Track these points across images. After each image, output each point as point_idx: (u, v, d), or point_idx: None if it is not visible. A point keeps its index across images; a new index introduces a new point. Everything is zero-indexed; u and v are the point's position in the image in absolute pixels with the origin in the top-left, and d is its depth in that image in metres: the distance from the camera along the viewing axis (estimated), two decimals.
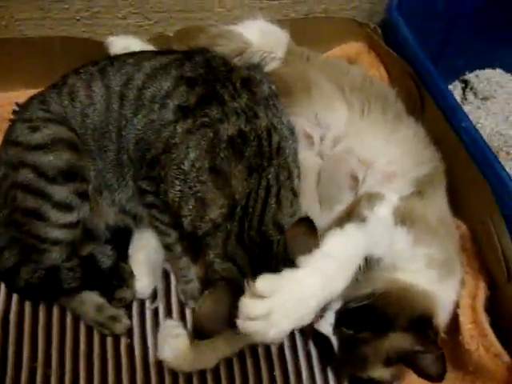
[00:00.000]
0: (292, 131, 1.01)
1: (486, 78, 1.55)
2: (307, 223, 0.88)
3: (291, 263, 0.84)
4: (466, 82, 1.57)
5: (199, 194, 0.89)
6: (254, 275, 0.83)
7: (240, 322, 0.79)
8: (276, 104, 1.03)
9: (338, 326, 0.96)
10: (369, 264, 0.93)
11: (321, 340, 1.00)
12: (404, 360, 0.94)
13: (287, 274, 0.83)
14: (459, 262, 1.05)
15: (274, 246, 0.88)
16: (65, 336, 1.10)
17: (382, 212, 0.97)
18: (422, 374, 0.92)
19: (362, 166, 1.08)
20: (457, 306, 1.03)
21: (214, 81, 0.99)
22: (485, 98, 1.52)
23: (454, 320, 1.03)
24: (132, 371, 1.07)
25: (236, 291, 0.83)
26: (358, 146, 1.10)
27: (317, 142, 1.13)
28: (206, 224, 0.89)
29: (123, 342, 1.10)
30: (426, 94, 1.22)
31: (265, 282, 0.81)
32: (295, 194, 0.94)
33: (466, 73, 1.57)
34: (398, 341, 0.94)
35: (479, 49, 1.54)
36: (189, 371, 1.05)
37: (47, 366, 1.06)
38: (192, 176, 0.90)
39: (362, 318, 0.95)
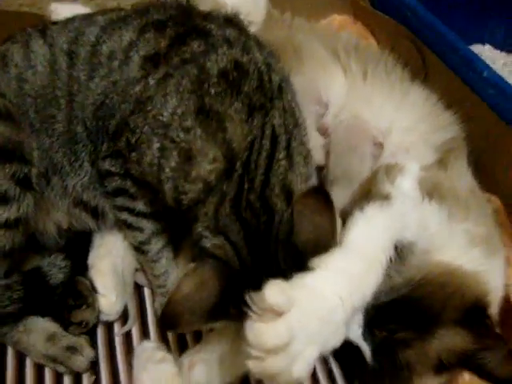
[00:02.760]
0: (287, 77, 0.82)
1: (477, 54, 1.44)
2: (320, 195, 0.68)
3: (294, 249, 0.66)
4: None
5: (183, 145, 0.68)
6: (253, 262, 0.66)
7: (253, 365, 0.59)
8: (266, 47, 0.84)
9: (368, 327, 0.77)
10: (400, 252, 0.76)
11: (346, 350, 0.78)
12: (463, 362, 0.75)
13: (301, 281, 0.64)
14: (499, 237, 0.90)
15: (276, 218, 0.66)
16: (4, 380, 0.84)
17: (406, 185, 0.84)
18: (490, 377, 0.74)
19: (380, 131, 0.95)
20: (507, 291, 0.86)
21: (190, 19, 0.81)
22: None
23: (504, 309, 0.84)
24: None
25: (228, 276, 0.66)
26: (365, 114, 0.97)
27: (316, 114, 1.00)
28: (194, 185, 0.67)
29: (86, 380, 0.85)
30: (429, 56, 1.10)
31: (276, 291, 0.60)
32: (307, 149, 0.74)
33: None
34: (451, 338, 0.76)
35: (467, 24, 1.44)
36: None
37: None
38: (174, 126, 0.70)
39: (399, 314, 0.77)
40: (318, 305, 0.64)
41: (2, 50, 0.87)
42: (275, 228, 0.66)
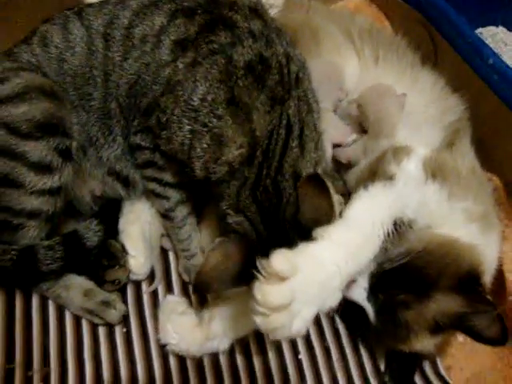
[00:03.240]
0: (304, 64, 0.88)
1: (490, 36, 1.48)
2: (316, 181, 0.74)
3: (299, 226, 0.74)
4: None
5: (216, 131, 0.76)
6: (268, 235, 0.74)
7: (259, 320, 0.68)
8: (286, 35, 0.89)
9: (373, 291, 0.84)
10: (399, 228, 0.83)
11: (351, 311, 0.87)
12: (456, 324, 0.83)
13: (304, 249, 0.72)
14: (496, 214, 0.96)
15: (284, 200, 0.75)
16: (48, 329, 0.94)
17: (411, 167, 0.88)
18: (480, 338, 0.82)
19: None
20: (500, 262, 0.93)
21: (218, 7, 0.85)
22: None
23: (498, 279, 0.92)
24: (131, 364, 0.91)
25: (249, 248, 0.74)
26: None
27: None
28: (222, 167, 0.75)
29: (118, 331, 0.95)
30: (439, 40, 1.13)
31: (281, 260, 0.67)
32: (319, 133, 0.81)
33: None
34: (446, 302, 0.83)
35: (480, 6, 1.46)
36: (199, 355, 0.91)
37: (27, 368, 0.89)
38: (205, 112, 0.77)
39: (401, 279, 0.83)
40: (317, 271, 0.71)
41: (41, 30, 0.93)
42: (282, 209, 0.75)
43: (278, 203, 0.75)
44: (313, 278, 0.70)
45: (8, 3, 1.15)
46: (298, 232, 0.74)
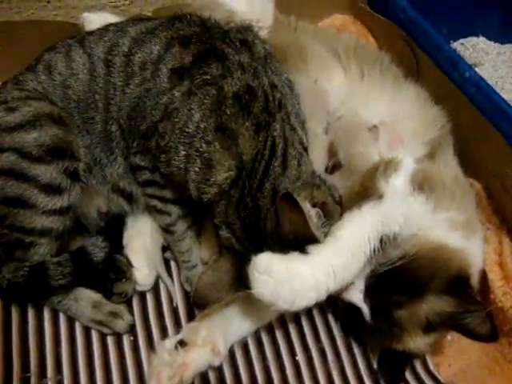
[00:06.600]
0: (291, 88, 0.94)
1: (472, 46, 1.55)
2: (289, 199, 0.77)
3: (282, 239, 0.80)
4: None
5: (205, 155, 0.82)
6: (254, 247, 0.81)
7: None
8: (273, 62, 0.95)
9: (368, 292, 0.89)
10: (384, 244, 0.87)
11: (347, 312, 0.93)
12: (449, 323, 0.89)
13: (290, 258, 0.78)
14: (478, 220, 1.01)
15: (262, 216, 0.80)
16: (59, 340, 0.98)
17: (399, 182, 0.91)
18: (472, 335, 0.88)
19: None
20: (483, 264, 0.98)
21: (212, 38, 0.91)
22: (473, 65, 1.49)
23: (483, 279, 0.98)
24: (139, 371, 0.96)
25: (237, 258, 0.82)
26: (361, 111, 1.05)
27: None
28: (212, 188, 0.81)
29: (126, 339, 1.00)
30: (421, 55, 1.20)
31: (263, 261, 0.77)
32: (305, 148, 0.87)
33: (451, 41, 1.55)
34: (438, 303, 0.88)
35: (460, 18, 1.53)
36: None
37: (42, 376, 0.94)
38: (198, 138, 0.83)
39: (394, 282, 0.88)
40: (292, 280, 0.77)
41: (46, 58, 0.98)
42: (262, 224, 0.80)
43: (257, 219, 0.80)
44: (285, 284, 0.77)
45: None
46: (280, 246, 0.79)
